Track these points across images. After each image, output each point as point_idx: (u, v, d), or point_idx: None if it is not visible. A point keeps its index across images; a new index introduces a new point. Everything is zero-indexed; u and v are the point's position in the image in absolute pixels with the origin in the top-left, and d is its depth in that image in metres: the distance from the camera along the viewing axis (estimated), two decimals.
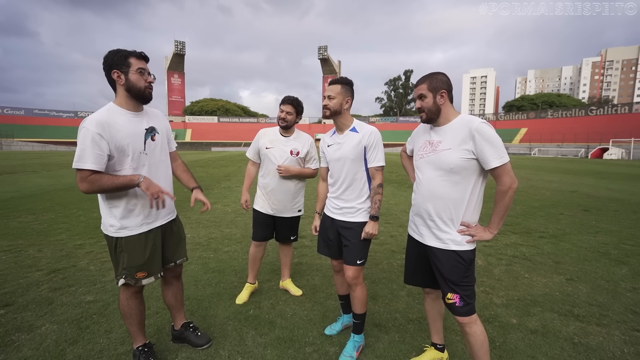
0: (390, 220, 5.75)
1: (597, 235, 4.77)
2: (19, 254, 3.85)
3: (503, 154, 1.55)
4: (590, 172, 16.31)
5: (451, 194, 1.64)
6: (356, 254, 2.01)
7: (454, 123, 1.66)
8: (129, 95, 1.75)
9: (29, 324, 2.37)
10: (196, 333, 2.16)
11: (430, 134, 1.75)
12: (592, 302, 2.76)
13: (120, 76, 1.71)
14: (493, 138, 1.55)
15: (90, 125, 1.62)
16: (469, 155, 1.59)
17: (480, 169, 1.63)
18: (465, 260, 1.65)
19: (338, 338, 2.24)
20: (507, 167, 1.56)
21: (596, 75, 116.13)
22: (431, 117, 1.70)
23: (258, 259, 2.87)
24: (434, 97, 1.66)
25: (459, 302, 1.67)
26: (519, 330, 2.33)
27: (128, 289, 1.86)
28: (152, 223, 1.86)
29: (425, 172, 1.73)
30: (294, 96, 2.67)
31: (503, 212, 1.61)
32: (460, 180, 1.63)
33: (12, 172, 13.50)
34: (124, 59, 1.70)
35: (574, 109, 59.65)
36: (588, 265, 3.60)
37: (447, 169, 1.63)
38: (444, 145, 1.65)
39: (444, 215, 1.67)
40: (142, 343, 1.97)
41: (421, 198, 1.75)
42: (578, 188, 9.91)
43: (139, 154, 1.76)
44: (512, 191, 1.57)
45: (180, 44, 77.67)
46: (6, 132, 54.54)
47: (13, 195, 7.83)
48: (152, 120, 1.88)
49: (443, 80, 1.67)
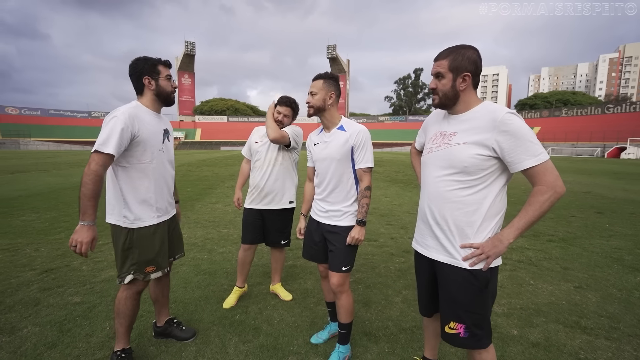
0: (392, 221, 5.59)
1: (610, 240, 4.52)
2: (16, 252, 3.86)
3: (540, 150, 1.23)
4: (606, 172, 15.74)
5: (463, 199, 1.33)
6: (341, 260, 1.90)
7: (473, 112, 1.34)
8: (157, 99, 1.93)
9: (11, 325, 2.33)
10: (180, 327, 2.22)
11: (443, 123, 1.44)
12: (602, 312, 2.57)
13: (151, 82, 1.88)
14: (524, 132, 1.22)
15: (123, 115, 1.72)
16: (489, 153, 1.28)
17: (502, 172, 1.32)
18: (479, 280, 1.32)
19: (324, 347, 2.13)
20: (548, 165, 1.23)
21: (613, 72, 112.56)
22: (446, 102, 1.38)
23: (247, 263, 2.78)
24: (453, 79, 1.33)
25: (464, 333, 1.34)
26: (520, 343, 2.18)
27: (130, 287, 1.88)
28: (162, 216, 1.94)
29: (432, 170, 1.42)
30: (290, 97, 2.57)
31: (533, 218, 1.26)
32: (475, 183, 1.32)
33: (25, 170, 13.80)
34: (154, 67, 1.88)
35: (590, 107, 57.95)
36: (599, 272, 3.39)
37: (459, 167, 1.32)
38: (458, 139, 1.34)
39: (453, 222, 1.35)
40: (122, 347, 1.93)
41: (427, 201, 1.46)
42: (592, 189, 9.53)
43: (157, 150, 1.90)
44: (555, 195, 1.22)
45: (191, 44, 78.45)
46: (24, 132, 56.20)
47: (21, 193, 7.95)
48: (166, 123, 2.05)
49: (471, 59, 1.32)
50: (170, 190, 2.05)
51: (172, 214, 2.08)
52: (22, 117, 66.06)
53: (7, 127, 58.69)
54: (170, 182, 2.05)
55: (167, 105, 2.01)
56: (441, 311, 1.44)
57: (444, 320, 1.41)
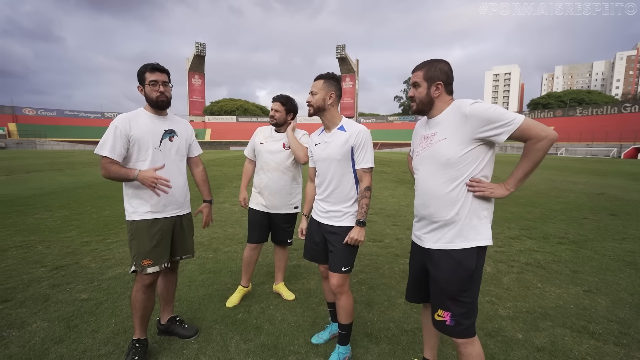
0: (399, 222, 5.55)
1: (623, 243, 4.39)
2: (29, 249, 3.97)
3: (511, 117, 1.35)
4: (621, 173, 15.30)
5: (451, 192, 1.46)
6: (341, 261, 1.89)
7: (445, 113, 1.51)
8: (149, 104, 2.03)
9: (21, 320, 2.40)
10: (183, 325, 2.27)
11: (425, 127, 1.60)
12: (612, 317, 2.50)
13: (142, 90, 2.00)
14: (490, 112, 1.36)
15: (117, 121, 1.93)
16: (468, 146, 1.42)
17: (483, 156, 1.44)
18: (465, 265, 1.43)
19: (324, 348, 2.13)
20: (527, 123, 1.34)
21: (631, 70, 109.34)
22: (422, 108, 1.56)
23: (252, 263, 2.81)
24: (428, 88, 1.51)
25: (450, 321, 1.47)
26: (524, 347, 2.13)
27: (139, 281, 2.00)
28: (157, 213, 2.00)
29: (421, 170, 1.58)
30: (284, 94, 2.62)
31: (530, 167, 1.39)
32: (458, 174, 1.44)
33: (40, 170, 14.18)
34: (142, 75, 1.98)
35: (606, 106, 56.29)
36: (610, 276, 3.30)
37: (443, 161, 1.46)
38: (438, 137, 1.49)
39: (443, 214, 1.48)
40: (139, 337, 2.03)
41: (419, 199, 1.60)
42: (606, 190, 9.28)
43: (153, 149, 1.97)
44: (547, 141, 1.34)
45: (201, 45, 79.35)
46: (40, 132, 57.80)
47: (35, 192, 8.18)
48: (175, 124, 2.12)
49: (442, 70, 1.51)
50: (175, 189, 2.06)
51: (177, 212, 2.11)
52: (38, 117, 67.92)
53: (24, 127, 60.50)
54: (178, 180, 2.09)
55: (160, 109, 2.04)
56: (431, 300, 1.56)
57: (433, 309, 1.55)
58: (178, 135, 2.10)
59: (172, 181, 2.03)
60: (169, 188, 1.98)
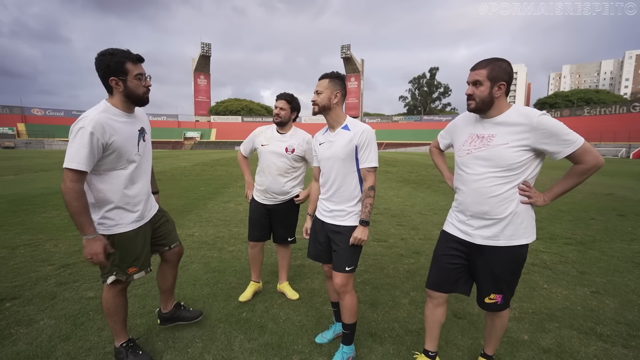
0: (403, 222, 5.52)
1: (632, 244, 4.33)
2: (37, 248, 4.02)
3: (575, 137, 1.46)
4: (630, 173, 15.07)
5: (506, 192, 1.55)
6: (345, 260, 1.89)
7: (506, 116, 1.54)
8: (128, 100, 1.73)
9: (29, 317, 2.43)
10: (188, 309, 2.34)
11: (478, 126, 1.62)
12: (620, 319, 2.47)
13: (119, 83, 1.67)
14: (557, 128, 1.45)
15: (90, 125, 1.58)
16: (528, 154, 1.50)
17: (537, 161, 1.56)
18: (519, 258, 1.62)
19: (328, 347, 2.12)
20: (585, 147, 1.46)
21: None
22: (482, 107, 1.56)
23: (258, 261, 2.83)
24: (491, 87, 1.51)
25: (501, 301, 1.68)
26: (530, 349, 2.11)
27: (115, 286, 1.87)
28: (142, 220, 1.90)
29: (475, 168, 1.60)
30: (288, 92, 2.63)
31: (570, 187, 1.56)
32: (514, 177, 1.54)
33: (48, 169, 14.37)
34: (121, 65, 1.64)
35: (614, 106, 55.49)
36: (618, 277, 3.25)
37: (504, 165, 1.52)
38: (498, 140, 1.53)
39: (500, 212, 1.56)
40: (126, 339, 1.98)
41: (471, 197, 1.63)
42: (615, 190, 9.15)
43: (133, 155, 1.78)
44: (595, 169, 1.49)
45: (207, 45, 79.84)
46: (48, 132, 58.60)
47: (43, 191, 8.28)
48: (141, 121, 1.89)
49: (506, 70, 1.52)
50: (149, 190, 1.97)
51: (153, 212, 2.01)
52: (46, 117, 68.90)
53: (33, 127, 61.39)
54: (149, 181, 1.97)
55: (141, 106, 1.82)
56: (482, 287, 1.71)
57: (484, 294, 1.70)
58: (147, 132, 1.91)
59: (147, 182, 1.92)
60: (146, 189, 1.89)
